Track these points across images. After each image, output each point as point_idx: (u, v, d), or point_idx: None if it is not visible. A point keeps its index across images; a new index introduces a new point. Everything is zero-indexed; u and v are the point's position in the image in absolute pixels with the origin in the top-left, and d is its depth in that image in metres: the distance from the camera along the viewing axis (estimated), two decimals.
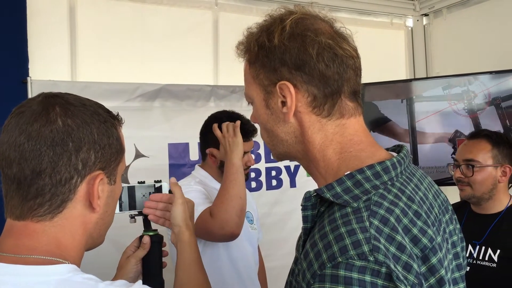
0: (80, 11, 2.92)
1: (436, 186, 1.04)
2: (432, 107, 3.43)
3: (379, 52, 3.72)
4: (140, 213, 1.44)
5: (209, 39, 3.32)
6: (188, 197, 1.43)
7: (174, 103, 3.03)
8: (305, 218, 0.90)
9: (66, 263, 0.86)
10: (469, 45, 3.61)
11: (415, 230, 0.84)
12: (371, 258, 0.76)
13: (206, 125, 2.23)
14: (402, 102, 3.48)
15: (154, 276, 1.38)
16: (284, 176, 3.40)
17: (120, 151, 0.96)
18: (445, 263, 0.89)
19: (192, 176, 2.26)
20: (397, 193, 0.87)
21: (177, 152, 3.03)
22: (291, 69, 0.91)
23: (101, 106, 0.96)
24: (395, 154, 0.96)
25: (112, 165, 0.94)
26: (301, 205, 0.90)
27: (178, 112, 3.04)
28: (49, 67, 2.81)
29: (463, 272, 1.00)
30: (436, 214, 0.93)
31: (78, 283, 0.84)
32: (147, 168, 2.88)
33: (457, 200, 2.21)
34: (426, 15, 3.98)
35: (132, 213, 1.44)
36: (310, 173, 1.01)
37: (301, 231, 0.93)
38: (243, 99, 2.94)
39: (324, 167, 0.95)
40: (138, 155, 2.90)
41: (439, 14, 3.86)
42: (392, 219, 0.82)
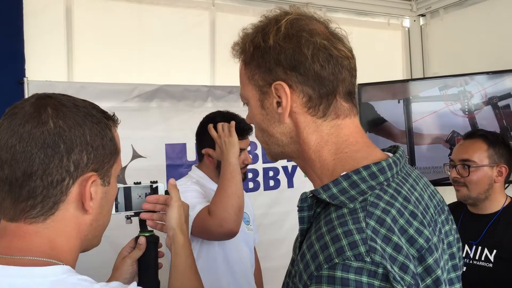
0: (77, 12, 2.92)
1: (432, 186, 1.04)
2: (429, 108, 3.44)
3: (376, 52, 3.72)
4: (136, 214, 1.44)
5: (206, 40, 3.32)
6: (185, 196, 1.42)
7: (171, 104, 3.03)
8: (301, 219, 0.90)
9: (60, 264, 0.85)
10: (466, 45, 3.61)
11: (411, 231, 0.84)
12: (368, 259, 0.76)
13: (201, 126, 2.24)
14: (399, 102, 3.48)
15: (150, 277, 1.38)
16: (282, 177, 3.40)
17: (114, 152, 0.95)
18: (441, 264, 0.89)
19: (189, 177, 2.26)
20: (393, 194, 0.87)
21: (174, 152, 3.03)
22: (286, 70, 0.91)
23: (95, 107, 0.95)
24: (390, 154, 0.96)
25: (105, 166, 0.93)
26: (297, 206, 0.90)
27: (175, 112, 3.03)
28: (46, 68, 2.80)
29: (459, 273, 0.99)
30: (432, 214, 0.93)
31: (73, 284, 0.83)
32: (144, 169, 2.87)
33: (453, 200, 2.22)
34: (423, 15, 3.98)
35: (128, 214, 1.43)
36: (306, 173, 1.01)
37: (298, 232, 0.93)
38: (240, 100, 2.92)
39: (320, 168, 0.95)
40: (135, 155, 2.89)
41: (436, 14, 3.87)
42: (388, 220, 0.82)
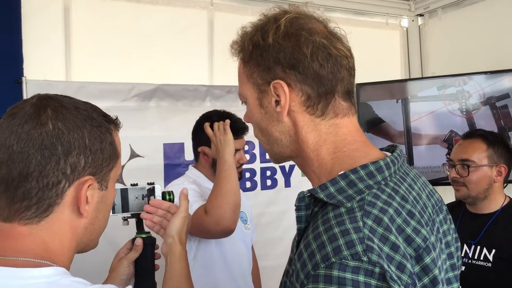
0: (75, 11, 2.91)
1: (431, 186, 1.04)
2: (427, 107, 3.44)
3: (374, 52, 3.71)
4: (133, 215, 1.43)
5: (204, 39, 3.31)
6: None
7: (170, 103, 3.02)
8: (299, 219, 0.90)
9: (54, 266, 0.85)
10: (464, 45, 3.61)
11: (408, 230, 0.83)
12: (365, 258, 0.76)
13: (197, 125, 2.25)
14: (397, 102, 3.49)
15: (146, 278, 1.38)
16: (279, 176, 3.40)
17: (113, 156, 0.94)
18: (439, 263, 0.88)
19: (186, 176, 2.27)
20: (391, 193, 0.87)
21: (172, 152, 3.02)
22: (285, 68, 0.91)
23: (96, 110, 0.94)
24: (389, 153, 0.96)
25: (104, 170, 0.92)
26: (295, 205, 0.89)
27: (173, 112, 3.03)
28: (44, 67, 2.79)
29: (457, 272, 0.99)
30: (429, 214, 0.93)
31: (66, 286, 0.83)
32: (142, 168, 2.87)
33: (452, 200, 2.22)
34: (421, 15, 3.98)
35: (125, 216, 1.43)
36: (304, 172, 1.01)
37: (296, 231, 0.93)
38: (239, 99, 2.92)
39: (318, 167, 0.95)
40: (133, 155, 2.89)
41: (434, 14, 3.86)
42: (385, 219, 0.82)
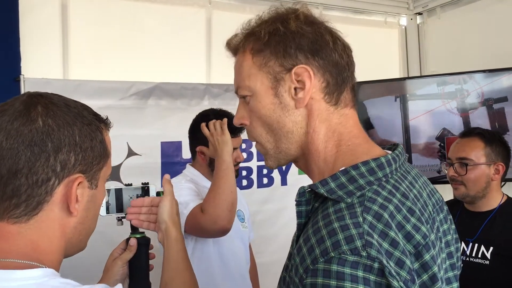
0: (73, 9, 2.91)
1: (431, 185, 1.04)
2: (425, 106, 3.44)
3: (373, 50, 3.72)
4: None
5: (202, 37, 3.31)
6: (179, 194, 1.42)
7: (168, 102, 3.01)
8: (299, 213, 0.90)
9: (43, 267, 0.84)
10: (463, 44, 3.61)
11: (408, 227, 0.84)
12: (364, 253, 0.76)
13: (194, 124, 2.24)
14: (395, 100, 3.49)
15: (140, 279, 1.37)
16: (275, 174, 3.40)
17: (104, 155, 0.93)
18: (438, 261, 0.88)
19: (183, 175, 2.26)
20: (391, 190, 0.87)
21: (169, 150, 3.02)
22: (307, 54, 0.92)
23: (87, 108, 0.93)
24: (390, 152, 0.96)
25: (94, 168, 0.91)
26: (295, 200, 0.90)
27: (172, 110, 3.02)
28: (42, 65, 2.79)
29: (457, 272, 0.99)
30: (430, 212, 0.93)
31: (55, 287, 0.82)
32: (140, 167, 2.87)
33: (450, 198, 2.22)
34: (420, 13, 3.98)
35: (119, 216, 1.43)
36: (306, 168, 1.00)
37: (294, 228, 0.92)
38: (237, 97, 2.92)
39: (323, 160, 0.95)
40: (131, 153, 2.88)
41: (433, 13, 3.87)
42: (385, 215, 0.82)
